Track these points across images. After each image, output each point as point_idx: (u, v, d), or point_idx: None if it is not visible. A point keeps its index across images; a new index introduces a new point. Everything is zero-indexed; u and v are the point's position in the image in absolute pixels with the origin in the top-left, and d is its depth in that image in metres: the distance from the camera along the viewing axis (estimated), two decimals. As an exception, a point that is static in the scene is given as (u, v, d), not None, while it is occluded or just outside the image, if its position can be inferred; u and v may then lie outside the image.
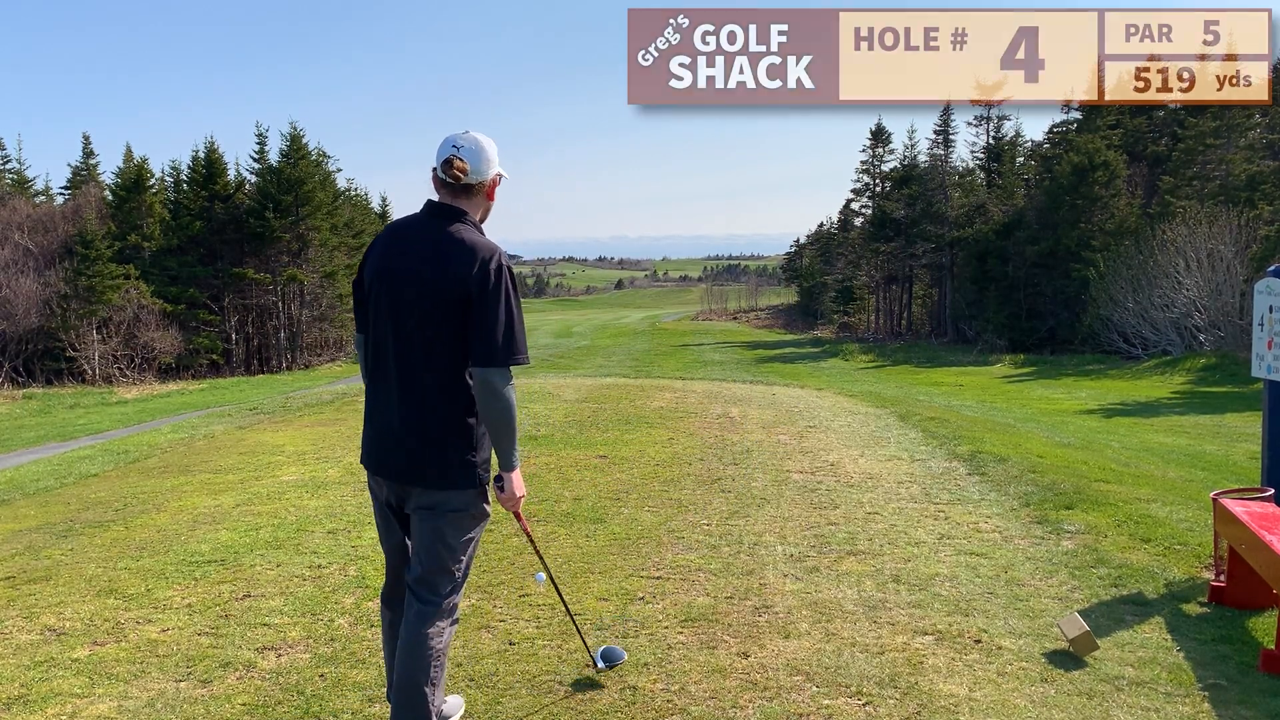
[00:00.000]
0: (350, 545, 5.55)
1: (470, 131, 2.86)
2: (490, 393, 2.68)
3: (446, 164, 2.80)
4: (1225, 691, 3.47)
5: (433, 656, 2.83)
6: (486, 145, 2.85)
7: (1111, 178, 38.12)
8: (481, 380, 2.68)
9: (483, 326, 2.67)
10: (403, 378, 2.81)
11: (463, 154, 2.82)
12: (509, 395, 2.71)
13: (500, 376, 2.68)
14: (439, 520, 2.84)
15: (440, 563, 2.87)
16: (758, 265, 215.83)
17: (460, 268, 2.71)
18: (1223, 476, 8.90)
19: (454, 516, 2.84)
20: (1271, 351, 4.94)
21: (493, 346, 2.67)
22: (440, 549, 2.86)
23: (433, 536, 2.85)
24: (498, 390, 2.68)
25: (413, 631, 2.84)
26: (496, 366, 2.67)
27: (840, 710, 3.33)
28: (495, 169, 2.86)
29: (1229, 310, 27.70)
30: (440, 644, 2.85)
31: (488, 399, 2.70)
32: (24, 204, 38.60)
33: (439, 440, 2.79)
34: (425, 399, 2.79)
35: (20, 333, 32.88)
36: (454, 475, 2.80)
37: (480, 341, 2.67)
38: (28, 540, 5.95)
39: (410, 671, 2.82)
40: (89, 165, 44.41)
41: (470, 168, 2.81)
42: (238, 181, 41.40)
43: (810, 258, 70.51)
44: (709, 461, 8.01)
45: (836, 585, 4.67)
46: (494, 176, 2.87)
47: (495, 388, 2.68)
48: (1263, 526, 4.00)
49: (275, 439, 10.17)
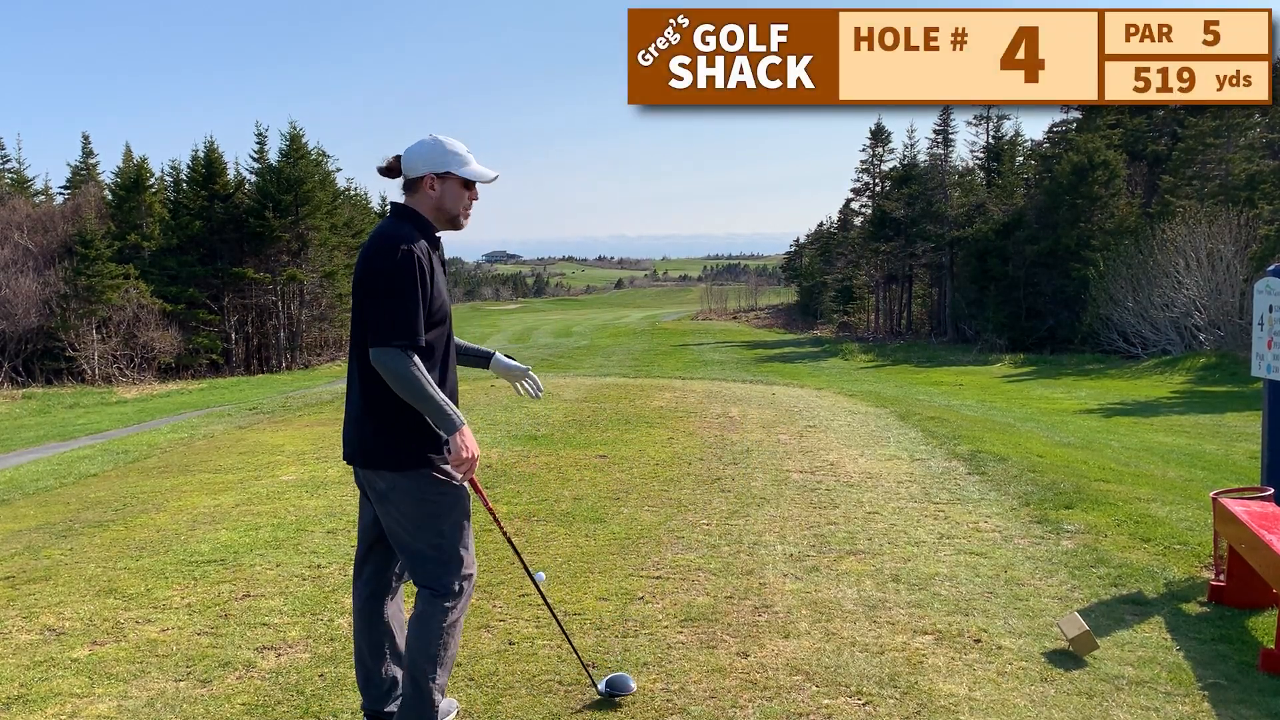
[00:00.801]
0: (350, 545, 5.55)
1: (431, 135, 3.00)
2: (384, 373, 2.77)
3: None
4: (1225, 691, 3.47)
5: (432, 635, 2.87)
6: (424, 146, 2.95)
7: (1111, 177, 38.13)
8: (373, 362, 2.77)
9: (368, 311, 2.79)
10: (350, 367, 2.98)
11: (403, 152, 2.99)
12: (402, 371, 2.74)
13: (384, 356, 2.74)
14: (387, 504, 2.91)
15: (409, 546, 2.92)
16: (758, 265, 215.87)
17: (362, 258, 2.87)
18: (1222, 476, 8.90)
19: (399, 498, 2.89)
20: (1271, 351, 4.94)
21: (372, 328, 2.76)
22: (400, 532, 2.92)
23: (390, 520, 2.93)
24: (387, 369, 2.75)
25: (412, 615, 2.93)
26: (375, 347, 2.75)
27: (840, 710, 3.33)
28: (431, 166, 2.94)
29: (1229, 310, 27.70)
30: (438, 624, 2.88)
31: (386, 380, 2.78)
32: (24, 204, 38.62)
33: (373, 423, 2.88)
34: (360, 385, 2.92)
35: (20, 332, 32.89)
36: (384, 457, 2.87)
37: (369, 325, 2.79)
38: (28, 540, 5.95)
39: (411, 653, 2.90)
40: (89, 165, 44.45)
41: (402, 164, 2.97)
42: (237, 181, 41.41)
43: (810, 257, 70.53)
44: (709, 461, 8.01)
45: (836, 585, 4.67)
46: (424, 176, 2.95)
47: (385, 368, 2.75)
48: (1263, 526, 4.00)
49: (275, 439, 10.17)
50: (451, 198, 2.97)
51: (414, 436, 2.86)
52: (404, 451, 2.86)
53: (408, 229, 2.87)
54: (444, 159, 2.95)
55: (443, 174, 2.94)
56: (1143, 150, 41.84)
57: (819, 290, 61.82)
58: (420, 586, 2.93)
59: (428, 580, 2.91)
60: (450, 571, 2.92)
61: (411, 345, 2.75)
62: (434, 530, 2.90)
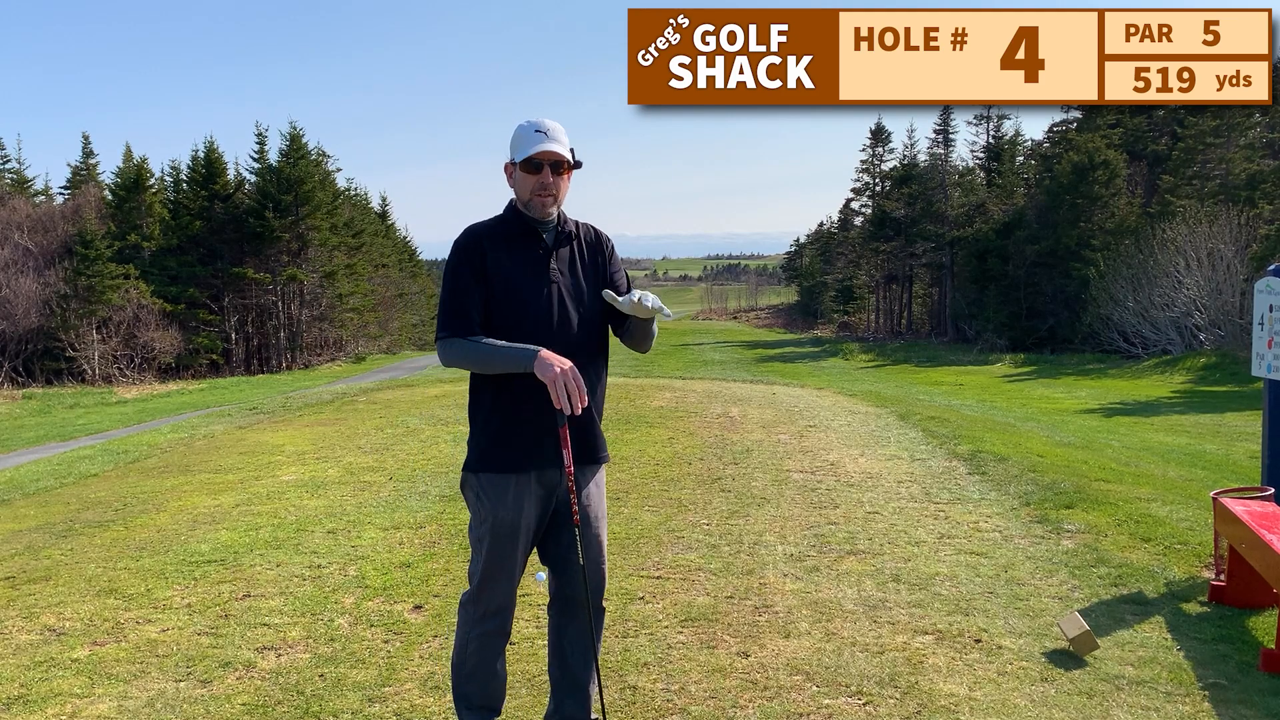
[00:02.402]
0: (350, 545, 5.55)
1: (534, 118, 2.90)
2: (443, 362, 2.82)
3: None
4: (1225, 691, 3.47)
5: (456, 641, 2.93)
6: (518, 128, 2.87)
7: (1111, 177, 38.14)
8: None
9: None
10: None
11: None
12: (449, 359, 2.77)
13: (438, 350, 2.79)
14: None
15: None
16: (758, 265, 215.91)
17: None
18: (1223, 476, 8.89)
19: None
20: (1271, 350, 4.94)
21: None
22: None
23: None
24: (443, 358, 2.80)
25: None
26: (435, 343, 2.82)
27: (840, 710, 3.33)
28: (512, 153, 2.87)
29: (1229, 309, 27.71)
30: (455, 648, 2.93)
31: (485, 381, 2.80)
32: (24, 204, 38.63)
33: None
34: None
35: (20, 333, 32.89)
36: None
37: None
38: (28, 540, 5.95)
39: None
40: (89, 165, 44.47)
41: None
42: (237, 181, 41.43)
43: (810, 257, 70.57)
44: (709, 461, 8.01)
45: (836, 585, 4.67)
46: (506, 164, 2.91)
47: (442, 358, 2.81)
48: (1263, 526, 4.00)
49: (275, 439, 10.17)
50: (520, 185, 2.85)
51: (470, 439, 2.88)
52: (467, 450, 2.89)
53: (488, 220, 2.90)
54: (510, 148, 2.88)
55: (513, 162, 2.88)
56: (1143, 150, 41.85)
57: (819, 290, 61.86)
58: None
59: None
60: (471, 583, 2.89)
61: (450, 335, 2.74)
62: (472, 532, 2.90)
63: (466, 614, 2.90)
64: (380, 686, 3.56)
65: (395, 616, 4.31)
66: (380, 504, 6.63)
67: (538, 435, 2.75)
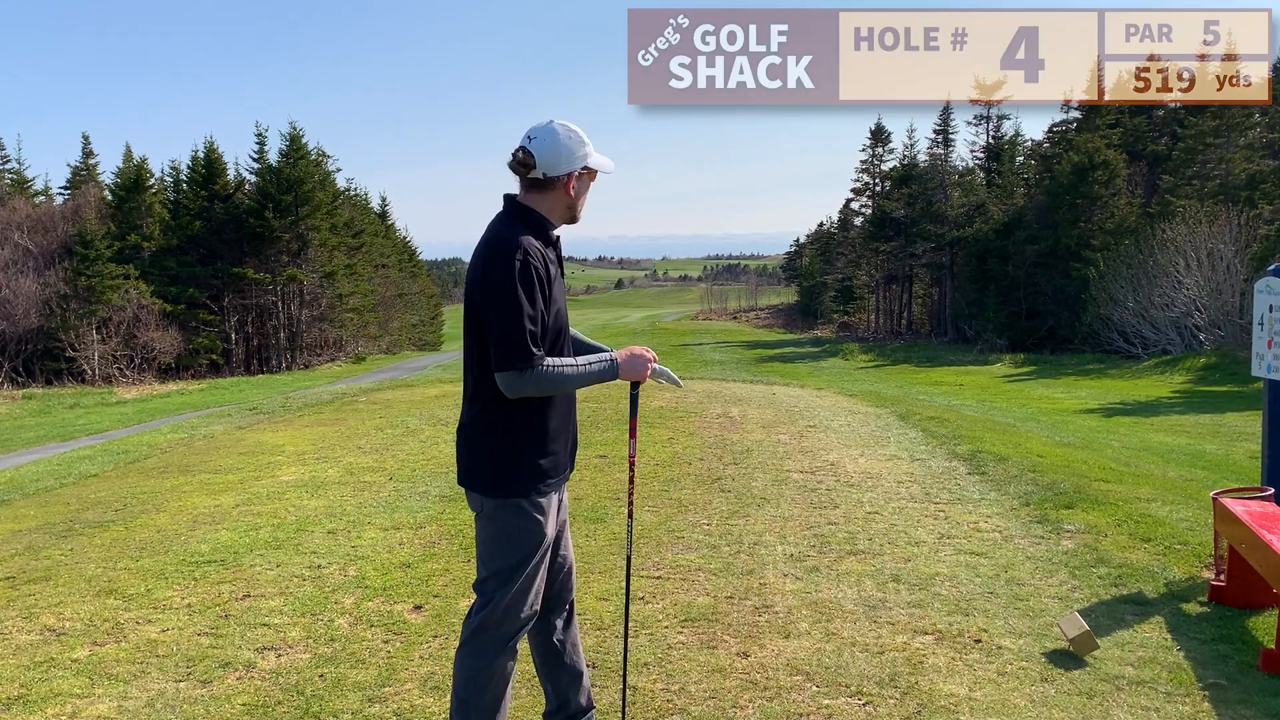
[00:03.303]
0: (350, 545, 5.55)
1: (555, 121, 2.65)
2: (515, 395, 2.58)
3: (512, 155, 2.65)
4: (1225, 691, 3.47)
5: (460, 670, 2.72)
6: (564, 136, 2.62)
7: (1111, 177, 38.14)
8: (501, 387, 2.58)
9: (489, 328, 2.57)
10: (465, 377, 2.77)
11: (533, 144, 2.62)
12: (531, 388, 2.57)
13: (508, 382, 2.55)
14: (479, 525, 2.74)
15: (478, 569, 2.76)
16: (758, 265, 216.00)
17: (480, 265, 2.61)
18: (1223, 476, 8.90)
19: (484, 523, 2.72)
20: (1271, 350, 4.94)
21: (495, 349, 2.55)
22: (478, 552, 2.76)
23: (477, 535, 2.77)
24: (520, 390, 2.56)
25: (460, 644, 2.76)
26: (499, 372, 2.55)
27: (840, 710, 3.33)
28: (573, 164, 2.64)
29: (1229, 309, 27.71)
30: (468, 659, 2.70)
31: (522, 398, 2.61)
32: (24, 204, 38.62)
33: (476, 444, 2.69)
34: (468, 398, 2.73)
35: (20, 333, 32.88)
36: (482, 481, 2.68)
37: (491, 345, 2.58)
38: (28, 540, 5.95)
39: (455, 685, 2.75)
40: (89, 165, 44.46)
41: (538, 160, 2.61)
42: (237, 181, 41.41)
43: (810, 257, 70.58)
44: (709, 461, 8.01)
45: (836, 585, 4.67)
46: (572, 172, 2.65)
47: (514, 391, 2.56)
48: (1263, 526, 4.00)
49: (275, 439, 10.17)
50: (580, 193, 2.72)
51: (509, 461, 2.65)
52: (496, 478, 2.66)
53: (522, 232, 2.60)
54: (583, 152, 2.65)
55: (582, 170, 2.68)
56: (1143, 150, 41.86)
57: (819, 290, 61.86)
58: (471, 613, 2.74)
59: (479, 607, 2.72)
60: (486, 610, 2.70)
61: (530, 365, 2.53)
62: (493, 565, 2.69)
63: (490, 640, 2.69)
64: (380, 686, 3.56)
65: (395, 616, 4.31)
66: (380, 504, 6.63)
67: (568, 445, 2.82)
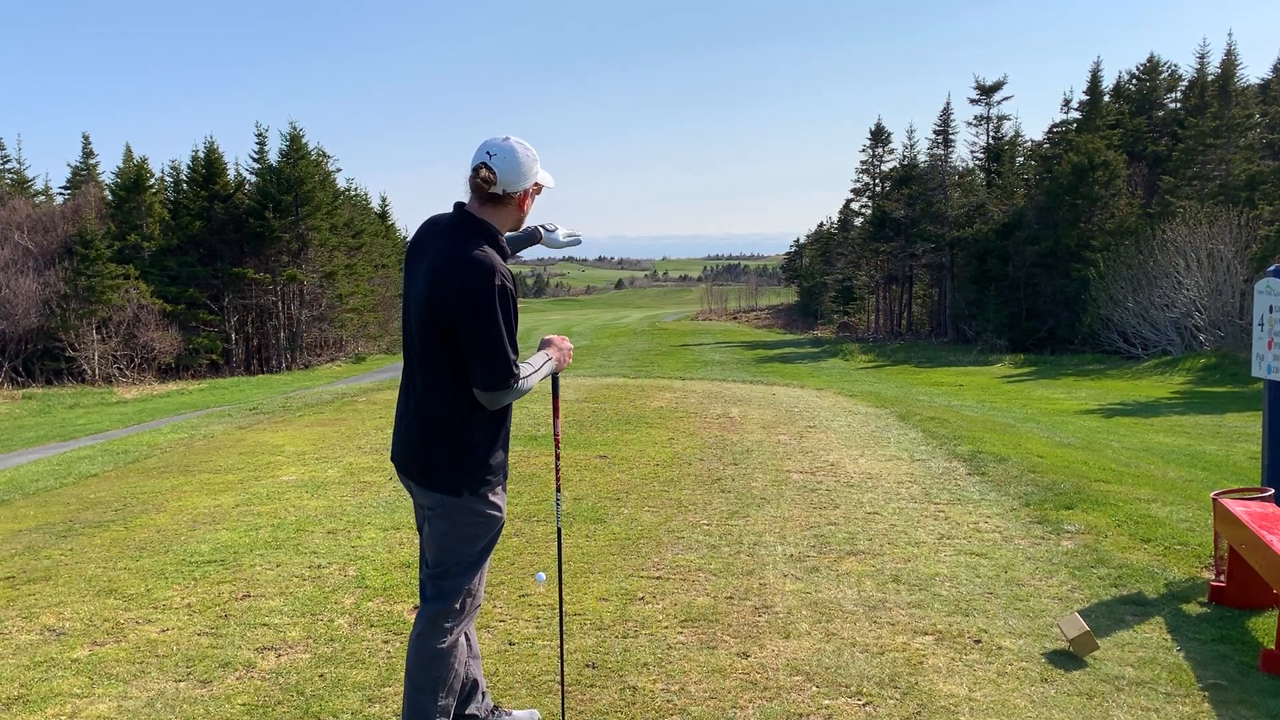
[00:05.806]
0: (350, 545, 5.55)
1: (511, 138, 2.77)
2: (497, 406, 2.77)
3: (474, 171, 2.74)
4: (1225, 691, 3.47)
5: (430, 657, 2.84)
6: (523, 155, 2.75)
7: (1111, 177, 38.13)
8: (484, 403, 2.74)
9: (466, 349, 2.67)
10: (408, 382, 2.89)
11: (494, 161, 2.72)
12: (517, 394, 2.77)
13: (497, 399, 2.73)
14: (434, 520, 2.87)
15: (436, 563, 2.88)
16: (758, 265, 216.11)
17: (451, 282, 2.66)
18: (1223, 476, 8.90)
19: (446, 521, 2.85)
20: (1271, 351, 4.94)
21: (480, 371, 2.67)
22: (435, 548, 2.88)
23: (428, 536, 2.90)
24: (501, 403, 2.76)
25: (415, 630, 2.89)
26: (487, 391, 2.69)
27: (840, 710, 3.33)
28: (529, 180, 2.78)
29: (1229, 310, 27.70)
30: (437, 645, 2.85)
31: (499, 410, 2.81)
32: (24, 204, 38.61)
33: (434, 445, 2.81)
34: (418, 406, 2.83)
35: (20, 333, 32.87)
36: (448, 480, 2.80)
37: (471, 365, 2.69)
38: (28, 540, 5.95)
39: (411, 670, 2.87)
40: (89, 165, 44.45)
41: (499, 177, 2.72)
42: (237, 181, 41.39)
43: (810, 258, 70.55)
44: (709, 461, 8.01)
45: (836, 585, 4.67)
46: (526, 188, 2.80)
47: (499, 403, 2.75)
48: (1263, 526, 4.00)
49: (275, 439, 10.17)
50: (531, 207, 2.88)
51: (471, 463, 2.80)
52: (464, 476, 2.79)
53: (488, 249, 2.72)
54: (536, 169, 2.80)
55: (533, 186, 2.83)
56: (1143, 150, 41.86)
57: (819, 290, 61.83)
58: (425, 600, 2.89)
59: (438, 597, 2.86)
60: (457, 596, 2.87)
61: (513, 382, 2.71)
62: (457, 554, 2.85)
63: (455, 624, 2.86)
64: (380, 686, 3.56)
65: (395, 616, 4.31)
66: (380, 504, 6.63)
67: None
